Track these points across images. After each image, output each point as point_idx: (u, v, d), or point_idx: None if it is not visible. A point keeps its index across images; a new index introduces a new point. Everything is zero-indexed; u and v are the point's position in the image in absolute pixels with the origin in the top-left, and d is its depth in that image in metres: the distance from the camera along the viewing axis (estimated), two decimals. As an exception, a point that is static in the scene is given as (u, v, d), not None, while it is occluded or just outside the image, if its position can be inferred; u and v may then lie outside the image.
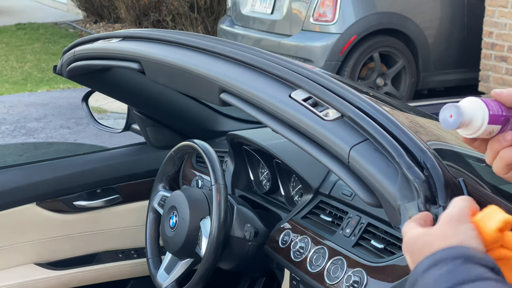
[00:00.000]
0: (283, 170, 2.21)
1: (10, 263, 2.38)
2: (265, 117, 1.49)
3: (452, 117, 0.93)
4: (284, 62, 1.53)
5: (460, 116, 0.92)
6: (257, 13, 6.92)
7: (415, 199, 1.14)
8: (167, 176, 2.28)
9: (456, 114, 0.93)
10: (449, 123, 0.93)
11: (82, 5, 11.98)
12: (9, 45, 10.18)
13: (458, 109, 0.93)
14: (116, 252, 2.56)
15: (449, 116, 0.93)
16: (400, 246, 1.68)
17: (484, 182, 1.52)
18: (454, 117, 0.93)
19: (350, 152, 1.28)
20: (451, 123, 0.93)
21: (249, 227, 2.06)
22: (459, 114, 0.92)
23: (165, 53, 1.81)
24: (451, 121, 0.93)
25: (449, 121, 0.93)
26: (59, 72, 2.28)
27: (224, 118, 2.60)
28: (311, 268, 1.83)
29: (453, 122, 0.93)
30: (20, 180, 2.36)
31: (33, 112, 6.70)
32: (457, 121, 0.93)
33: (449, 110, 0.93)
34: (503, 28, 6.51)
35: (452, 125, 0.93)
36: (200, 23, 9.54)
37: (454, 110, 0.93)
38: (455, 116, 0.93)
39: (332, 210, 1.96)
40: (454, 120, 0.93)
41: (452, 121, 0.93)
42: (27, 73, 8.55)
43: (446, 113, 0.94)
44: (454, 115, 0.93)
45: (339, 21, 6.31)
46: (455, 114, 0.93)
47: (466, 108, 0.93)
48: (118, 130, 2.64)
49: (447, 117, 0.93)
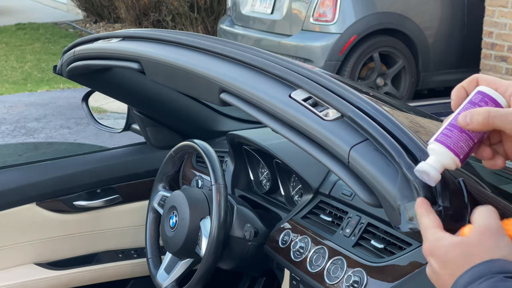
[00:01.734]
0: (283, 170, 2.21)
1: (10, 263, 2.38)
2: (265, 117, 1.49)
3: (426, 178, 1.00)
4: (284, 62, 1.53)
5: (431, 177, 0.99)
6: (257, 13, 6.92)
7: (415, 199, 1.14)
8: (167, 176, 2.28)
9: (427, 177, 1.00)
10: (426, 181, 1.01)
11: (82, 5, 11.98)
12: (9, 45, 10.18)
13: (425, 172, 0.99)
14: (116, 252, 2.56)
15: (424, 177, 1.00)
16: (400, 246, 1.68)
17: (484, 182, 1.52)
18: (427, 179, 1.00)
19: (350, 152, 1.27)
20: (428, 181, 1.01)
21: (249, 227, 2.06)
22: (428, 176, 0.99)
23: (165, 53, 1.81)
24: (427, 180, 1.01)
25: (426, 180, 1.01)
26: (59, 72, 2.28)
27: (224, 118, 2.60)
28: (311, 268, 1.83)
29: (430, 181, 1.00)
30: (20, 180, 2.36)
31: (33, 112, 6.70)
32: (431, 181, 1.00)
33: (420, 173, 1.01)
34: (503, 28, 6.51)
35: (431, 183, 1.00)
36: (200, 23, 9.54)
37: (422, 175, 1.00)
38: (426, 178, 1.00)
39: (332, 210, 1.96)
40: (428, 179, 1.00)
41: (427, 180, 1.00)
42: (27, 73, 8.55)
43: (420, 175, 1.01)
44: (425, 177, 1.00)
45: (339, 21, 6.31)
46: (426, 177, 1.00)
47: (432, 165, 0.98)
48: (118, 130, 2.64)
49: (424, 177, 1.01)
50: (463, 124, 0.94)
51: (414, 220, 1.13)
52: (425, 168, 0.98)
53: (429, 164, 0.98)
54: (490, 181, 1.69)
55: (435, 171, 0.98)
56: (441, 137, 0.97)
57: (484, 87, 0.97)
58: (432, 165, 0.98)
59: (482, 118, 0.92)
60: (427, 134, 1.58)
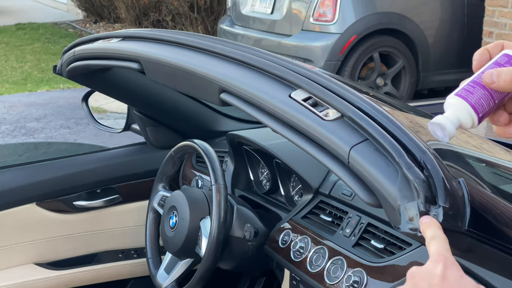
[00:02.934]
0: (283, 170, 2.21)
1: (10, 263, 2.38)
2: (265, 117, 1.49)
3: (439, 132, 0.93)
4: (284, 62, 1.53)
5: (445, 132, 0.92)
6: (257, 13, 6.92)
7: (415, 199, 1.14)
8: (167, 176, 2.28)
9: (441, 131, 0.92)
10: (439, 137, 0.93)
11: (82, 5, 11.98)
12: (9, 45, 10.19)
13: (440, 125, 0.92)
14: (116, 252, 2.56)
15: (437, 131, 0.93)
16: (400, 246, 1.68)
17: (484, 182, 1.52)
18: (440, 134, 0.93)
19: (350, 152, 1.27)
20: (441, 138, 0.93)
21: (249, 227, 2.06)
22: (443, 130, 0.92)
23: (165, 53, 1.81)
24: (440, 136, 0.93)
25: (439, 136, 0.93)
26: (59, 72, 2.28)
27: (224, 118, 2.60)
28: (311, 268, 1.83)
29: (442, 138, 0.93)
30: (20, 180, 2.36)
31: (33, 112, 6.70)
32: (444, 137, 0.92)
33: (434, 126, 0.93)
34: (503, 28, 6.51)
35: (443, 140, 0.93)
36: (200, 23, 9.54)
37: (437, 127, 0.92)
38: (441, 133, 0.92)
39: (332, 210, 1.96)
40: (441, 136, 0.93)
41: (441, 136, 0.93)
42: (27, 73, 8.55)
43: (433, 129, 0.93)
44: (440, 132, 0.93)
45: (339, 21, 6.31)
46: (440, 131, 0.92)
47: (449, 118, 0.92)
48: (118, 130, 2.64)
49: (436, 132, 0.93)
50: (489, 82, 0.91)
51: (414, 220, 1.13)
52: (440, 121, 0.91)
53: (445, 117, 0.92)
54: (490, 181, 1.69)
55: (451, 125, 0.91)
56: (462, 92, 0.93)
57: (511, 50, 0.96)
58: (449, 118, 0.92)
59: (511, 76, 0.90)
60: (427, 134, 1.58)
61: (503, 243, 1.26)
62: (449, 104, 0.93)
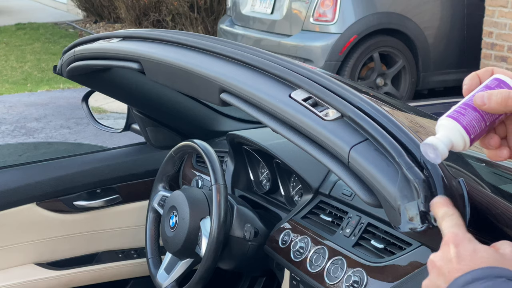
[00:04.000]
0: (283, 170, 2.21)
1: (10, 263, 2.38)
2: (265, 117, 1.49)
3: (431, 153, 0.93)
4: (284, 62, 1.53)
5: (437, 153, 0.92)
6: (257, 13, 6.92)
7: (415, 199, 1.14)
8: (167, 176, 2.28)
9: (433, 152, 0.93)
10: (431, 159, 0.94)
11: (82, 5, 11.98)
12: (9, 45, 10.19)
13: (432, 146, 0.92)
14: (116, 252, 2.56)
15: (429, 152, 0.93)
16: (400, 246, 1.68)
17: (484, 182, 1.52)
18: (432, 155, 0.93)
19: (350, 152, 1.27)
20: (433, 158, 0.93)
21: (249, 227, 2.06)
22: (435, 151, 0.92)
23: (165, 53, 1.81)
24: (432, 157, 0.93)
25: (430, 157, 0.94)
26: (59, 72, 2.28)
27: (224, 118, 2.60)
28: (311, 268, 1.83)
29: (434, 159, 0.93)
30: (20, 180, 2.36)
31: (33, 112, 6.70)
32: (436, 158, 0.93)
33: (426, 147, 0.93)
34: (503, 28, 6.51)
35: (434, 161, 0.93)
36: (200, 23, 9.54)
37: (429, 148, 0.93)
38: (433, 154, 0.93)
39: (332, 210, 1.96)
40: (433, 157, 0.93)
41: (433, 157, 0.93)
42: (27, 73, 8.55)
43: (426, 149, 0.93)
44: (432, 153, 0.93)
45: (339, 21, 6.31)
46: (433, 152, 0.93)
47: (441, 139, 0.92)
48: (118, 130, 2.64)
49: (428, 153, 0.93)
50: (480, 103, 0.92)
51: (414, 220, 1.13)
52: (433, 141, 0.92)
53: (438, 138, 0.92)
54: (490, 181, 1.69)
55: (444, 146, 0.92)
56: (454, 113, 0.93)
57: (501, 75, 0.96)
58: (441, 139, 0.92)
59: (501, 98, 0.91)
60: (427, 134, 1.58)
61: (503, 243, 1.25)
62: (441, 125, 0.94)
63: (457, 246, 0.86)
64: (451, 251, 0.86)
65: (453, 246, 0.87)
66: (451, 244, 0.87)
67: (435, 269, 0.88)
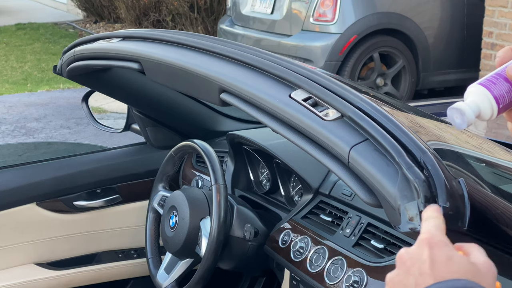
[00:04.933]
0: (283, 170, 2.21)
1: (10, 263, 2.38)
2: (265, 117, 1.49)
3: (458, 118, 0.92)
4: (284, 62, 1.53)
5: (464, 118, 0.91)
6: (257, 13, 6.92)
7: (415, 199, 1.14)
8: (167, 176, 2.28)
9: (460, 117, 0.91)
10: (457, 124, 0.92)
11: (82, 5, 11.98)
12: (9, 45, 10.18)
13: (460, 110, 0.91)
14: (116, 252, 2.56)
15: (455, 117, 0.92)
16: (400, 246, 1.68)
17: (484, 182, 1.52)
18: (459, 120, 0.92)
19: (350, 152, 1.27)
20: (459, 124, 0.92)
21: (249, 227, 2.06)
22: (462, 116, 0.91)
23: (165, 53, 1.81)
24: (458, 122, 0.92)
25: (456, 122, 0.92)
26: (59, 72, 2.28)
27: (224, 118, 2.60)
28: (311, 268, 1.83)
29: (460, 124, 0.92)
30: (20, 180, 2.36)
31: (33, 112, 6.70)
32: (463, 123, 0.91)
33: (453, 111, 0.92)
34: (503, 28, 6.51)
35: (460, 126, 0.92)
36: (200, 23, 9.54)
37: (457, 112, 0.91)
38: (459, 119, 0.92)
39: (332, 210, 1.96)
40: (459, 122, 0.92)
41: (459, 122, 0.92)
42: (27, 73, 8.55)
43: (452, 114, 0.92)
44: (458, 118, 0.92)
45: (339, 21, 6.31)
46: (459, 117, 0.92)
47: (469, 104, 0.91)
48: (118, 130, 2.64)
49: (454, 119, 0.92)
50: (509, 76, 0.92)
51: (414, 220, 1.13)
52: (461, 106, 0.91)
53: (466, 104, 0.91)
54: (490, 181, 1.69)
55: (471, 112, 0.91)
56: (485, 81, 0.93)
57: None
58: (470, 105, 0.91)
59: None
60: (427, 134, 1.58)
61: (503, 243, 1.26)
62: (470, 92, 0.93)
63: (432, 248, 0.83)
64: (425, 252, 0.83)
65: (428, 247, 0.83)
66: (426, 246, 0.84)
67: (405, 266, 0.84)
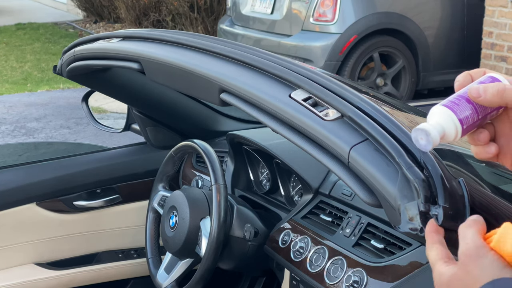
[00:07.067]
0: (283, 170, 2.21)
1: (10, 263, 2.38)
2: (265, 117, 1.49)
3: (423, 140, 0.92)
4: (284, 62, 1.53)
5: (429, 139, 0.91)
6: (257, 13, 6.92)
7: (415, 199, 1.14)
8: (167, 176, 2.28)
9: (425, 138, 0.92)
10: (421, 145, 0.93)
11: (82, 5, 11.98)
12: (9, 45, 10.19)
13: (425, 131, 0.91)
14: (116, 252, 2.56)
15: (419, 138, 0.92)
16: (400, 246, 1.68)
17: (484, 182, 1.52)
18: (423, 141, 0.92)
19: (350, 152, 1.27)
20: (424, 145, 0.92)
21: (249, 227, 2.06)
22: (427, 137, 0.91)
23: (165, 53, 1.81)
24: (423, 143, 0.92)
25: (421, 144, 0.92)
26: (59, 72, 2.28)
27: (224, 118, 2.60)
28: (311, 268, 1.83)
29: (425, 145, 0.92)
30: (20, 180, 2.36)
31: (33, 112, 6.70)
32: (428, 144, 0.92)
33: (418, 133, 0.92)
34: (503, 28, 6.51)
35: (426, 148, 0.92)
36: (200, 23, 9.54)
37: (421, 133, 0.91)
38: (424, 140, 0.92)
39: (332, 210, 1.96)
40: (424, 143, 0.92)
41: (424, 144, 0.92)
42: (27, 73, 8.55)
43: (416, 135, 0.92)
44: (423, 139, 0.92)
45: (339, 21, 6.31)
46: (424, 138, 0.92)
47: (434, 125, 0.91)
48: (118, 130, 2.64)
49: (419, 140, 0.92)
50: (475, 95, 0.91)
51: (414, 220, 1.13)
52: (425, 127, 0.91)
53: (430, 125, 0.91)
54: (490, 181, 1.69)
55: (436, 133, 0.91)
56: (449, 103, 0.93)
57: (495, 73, 0.97)
58: (434, 126, 0.91)
59: (497, 90, 0.90)
60: (427, 134, 1.58)
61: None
62: (434, 113, 0.93)
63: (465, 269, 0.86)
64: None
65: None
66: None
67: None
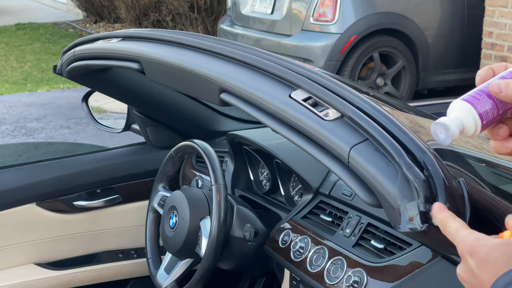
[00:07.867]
0: (283, 170, 2.21)
1: (10, 263, 2.38)
2: (265, 117, 1.49)
3: (442, 134, 0.92)
4: (284, 62, 1.53)
5: (448, 133, 0.91)
6: (257, 13, 6.92)
7: (415, 199, 1.14)
8: (167, 176, 2.28)
9: (444, 132, 0.92)
10: (440, 139, 0.93)
11: (82, 5, 11.98)
12: (9, 45, 10.19)
13: (444, 125, 0.91)
14: (116, 252, 2.56)
15: (439, 132, 0.92)
16: (400, 246, 1.68)
17: (484, 182, 1.52)
18: (443, 135, 0.92)
19: (350, 152, 1.27)
20: (443, 139, 0.92)
21: (249, 227, 2.06)
22: (446, 131, 0.91)
23: (165, 53, 1.81)
24: (442, 137, 0.92)
25: (440, 138, 0.92)
26: (59, 72, 2.28)
27: (224, 118, 2.60)
28: (311, 268, 1.83)
29: (444, 139, 0.92)
30: (20, 180, 2.36)
31: (33, 112, 6.70)
32: (447, 138, 0.92)
33: (437, 127, 0.92)
34: (503, 28, 6.51)
35: (444, 142, 0.92)
36: (200, 23, 9.54)
37: (441, 127, 0.92)
38: (444, 134, 0.92)
39: (332, 210, 1.96)
40: (443, 137, 0.92)
41: (443, 138, 0.92)
42: (27, 73, 8.55)
43: (436, 129, 0.92)
44: (443, 133, 0.92)
45: (339, 21, 6.31)
46: (444, 132, 0.92)
47: (453, 120, 0.92)
48: (118, 130, 2.64)
49: (438, 134, 0.93)
50: (496, 91, 0.92)
51: (414, 220, 1.13)
52: (445, 121, 0.91)
53: (450, 119, 0.92)
54: (490, 181, 1.69)
55: (455, 127, 0.91)
56: (469, 98, 0.93)
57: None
58: (454, 120, 0.91)
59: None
60: (427, 134, 1.58)
61: (503, 243, 1.25)
62: (453, 108, 0.93)
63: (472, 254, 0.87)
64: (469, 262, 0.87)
65: (469, 256, 0.87)
66: (466, 255, 0.87)
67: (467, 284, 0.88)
